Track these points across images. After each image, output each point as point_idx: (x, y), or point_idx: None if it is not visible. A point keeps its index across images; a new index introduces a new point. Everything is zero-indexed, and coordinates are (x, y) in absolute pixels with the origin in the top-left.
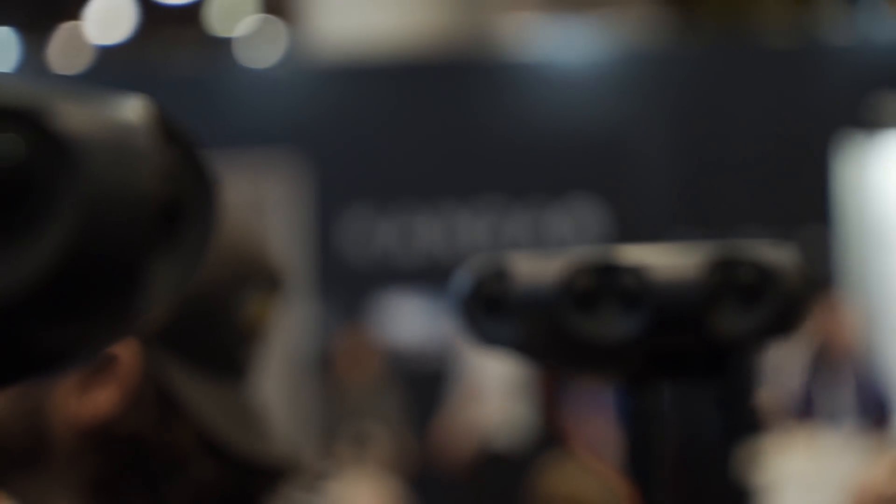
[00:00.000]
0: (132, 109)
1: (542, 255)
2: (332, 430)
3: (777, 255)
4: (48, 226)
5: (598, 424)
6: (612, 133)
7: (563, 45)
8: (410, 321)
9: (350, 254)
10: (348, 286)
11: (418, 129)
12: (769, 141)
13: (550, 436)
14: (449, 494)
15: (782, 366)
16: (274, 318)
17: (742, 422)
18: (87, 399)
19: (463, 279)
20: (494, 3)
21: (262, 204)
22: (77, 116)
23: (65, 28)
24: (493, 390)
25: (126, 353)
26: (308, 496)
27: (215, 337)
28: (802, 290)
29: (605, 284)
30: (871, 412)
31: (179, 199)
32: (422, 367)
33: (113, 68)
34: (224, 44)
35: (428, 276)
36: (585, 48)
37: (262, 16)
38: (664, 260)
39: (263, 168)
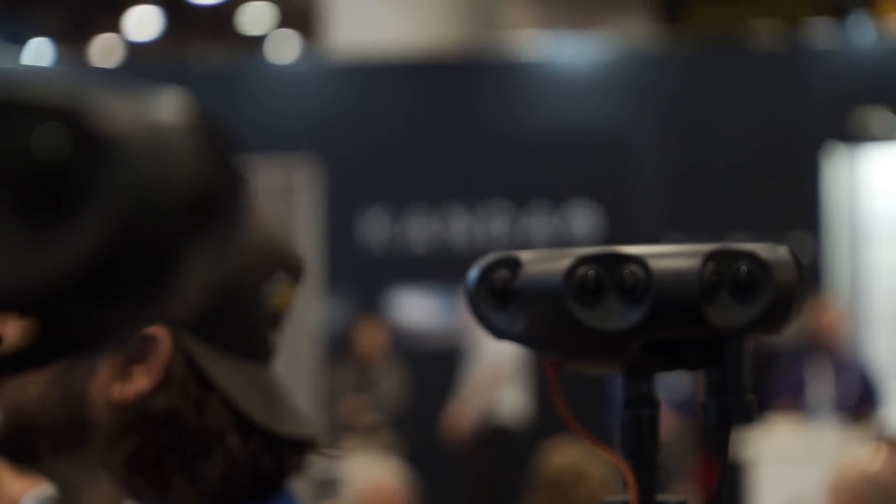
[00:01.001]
0: (169, 107)
1: (549, 249)
2: (347, 410)
3: (773, 251)
4: (88, 218)
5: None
6: (608, 141)
7: (566, 56)
8: (420, 310)
9: (364, 247)
10: (362, 278)
11: (426, 131)
12: (759, 150)
13: (552, 418)
14: (456, 473)
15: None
16: (295, 305)
17: (737, 409)
18: (128, 382)
19: (473, 272)
20: (502, 15)
21: (282, 197)
22: (116, 115)
23: (100, 38)
24: (503, 373)
25: (162, 336)
26: (328, 468)
27: (245, 323)
28: (797, 285)
29: (609, 276)
30: (853, 402)
31: (212, 194)
32: (432, 351)
33: (146, 64)
34: (250, 43)
35: (436, 268)
36: (587, 59)
37: (285, 19)
38: (666, 252)
39: (281, 164)
